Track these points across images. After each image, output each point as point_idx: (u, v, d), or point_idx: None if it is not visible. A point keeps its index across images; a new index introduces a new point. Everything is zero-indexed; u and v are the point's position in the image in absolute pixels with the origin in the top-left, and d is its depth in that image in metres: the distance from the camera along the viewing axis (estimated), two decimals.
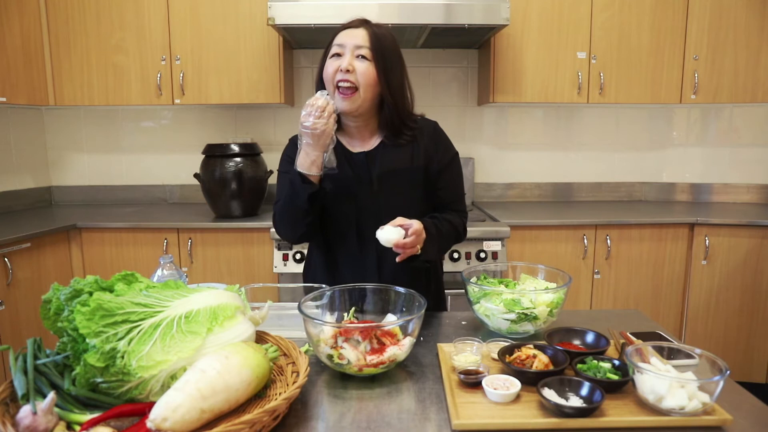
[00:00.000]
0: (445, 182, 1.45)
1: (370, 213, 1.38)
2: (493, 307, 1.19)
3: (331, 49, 1.36)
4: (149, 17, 2.70)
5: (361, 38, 1.33)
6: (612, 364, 0.97)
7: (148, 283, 0.97)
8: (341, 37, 1.35)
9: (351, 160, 1.42)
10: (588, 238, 2.60)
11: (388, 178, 1.40)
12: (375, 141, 1.44)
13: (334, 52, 1.35)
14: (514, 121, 3.19)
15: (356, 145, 1.44)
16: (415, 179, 1.41)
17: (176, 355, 0.85)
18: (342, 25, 1.39)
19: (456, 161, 1.48)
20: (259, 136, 3.12)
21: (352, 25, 1.37)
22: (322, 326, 1.03)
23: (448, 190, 1.46)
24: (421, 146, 1.42)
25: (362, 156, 1.41)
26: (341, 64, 1.32)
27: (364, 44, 1.32)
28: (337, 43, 1.35)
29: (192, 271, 2.55)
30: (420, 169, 1.41)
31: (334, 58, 1.34)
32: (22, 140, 3.00)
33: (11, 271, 2.19)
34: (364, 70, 1.31)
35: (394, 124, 1.39)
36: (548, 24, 2.74)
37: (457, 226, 1.43)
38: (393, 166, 1.40)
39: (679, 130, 3.22)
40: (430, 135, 1.44)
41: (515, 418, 0.86)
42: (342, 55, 1.33)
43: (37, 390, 0.83)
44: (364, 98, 1.33)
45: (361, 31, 1.34)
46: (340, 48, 1.34)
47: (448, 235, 1.40)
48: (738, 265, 2.59)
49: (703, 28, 2.75)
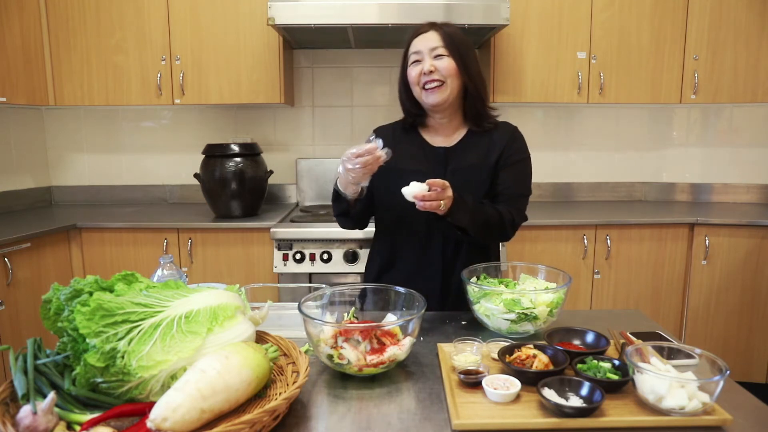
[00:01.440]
0: (507, 178, 1.47)
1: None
2: (493, 307, 1.19)
3: (409, 57, 1.45)
4: (149, 17, 2.70)
5: (434, 40, 1.41)
6: (612, 364, 0.97)
7: (148, 283, 0.97)
8: (415, 44, 1.43)
9: (429, 155, 1.48)
10: (588, 238, 2.60)
11: (461, 173, 1.44)
12: (458, 136, 1.51)
13: (413, 60, 1.43)
14: (514, 121, 3.14)
15: (438, 140, 1.51)
16: (486, 175, 1.46)
17: (176, 355, 0.85)
18: (413, 33, 1.46)
19: (525, 163, 1.52)
20: (259, 136, 3.12)
21: (422, 31, 1.44)
22: (322, 326, 1.03)
23: (507, 184, 1.47)
24: (497, 145, 1.48)
25: (442, 151, 1.48)
26: (423, 68, 1.40)
27: (438, 44, 1.40)
28: (413, 51, 1.43)
29: (192, 271, 2.55)
30: (491, 166, 1.46)
31: (414, 64, 1.43)
32: (22, 140, 3.00)
33: (11, 271, 2.19)
34: (445, 65, 1.39)
35: (478, 110, 1.47)
36: (548, 24, 2.74)
37: (504, 214, 1.41)
38: (469, 161, 1.46)
39: (679, 130, 3.22)
40: (507, 135, 1.51)
41: (515, 418, 0.86)
42: (421, 60, 1.41)
43: (37, 390, 0.83)
44: (451, 89, 1.41)
45: (432, 34, 1.42)
46: (417, 55, 1.42)
47: (489, 215, 1.38)
48: (738, 265, 2.59)
49: (703, 28, 2.75)
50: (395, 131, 1.55)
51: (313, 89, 3.13)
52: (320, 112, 3.15)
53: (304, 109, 3.15)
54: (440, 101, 1.41)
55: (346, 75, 3.12)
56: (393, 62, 3.10)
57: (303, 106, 3.14)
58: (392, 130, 1.56)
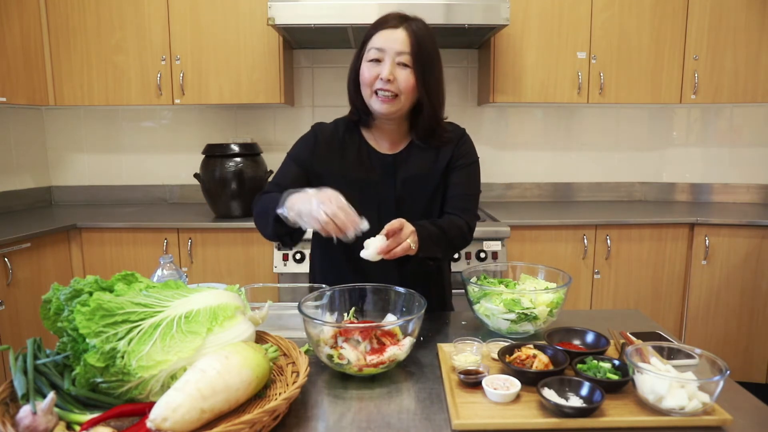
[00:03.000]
0: (456, 182, 1.39)
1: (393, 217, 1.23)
2: (493, 307, 1.19)
3: (367, 50, 1.29)
4: (149, 17, 2.70)
5: (402, 43, 1.26)
6: (612, 364, 0.97)
7: (148, 283, 0.97)
8: (380, 39, 1.27)
9: (376, 162, 1.38)
10: (588, 238, 2.60)
11: (412, 182, 1.37)
12: (403, 143, 1.41)
13: (373, 57, 1.27)
14: (514, 121, 3.19)
15: (384, 146, 1.41)
16: (436, 183, 1.39)
17: (176, 355, 0.85)
18: (378, 22, 1.30)
19: (473, 168, 1.43)
20: (259, 136, 3.12)
21: (390, 25, 1.28)
22: (322, 326, 1.03)
23: (457, 188, 1.39)
24: (446, 150, 1.39)
25: (390, 158, 1.39)
26: (381, 73, 1.26)
27: (404, 50, 1.26)
28: (376, 47, 1.27)
29: (192, 271, 2.55)
30: (441, 172, 1.39)
31: (372, 63, 1.28)
32: (22, 140, 3.00)
33: (11, 271, 2.19)
34: (405, 78, 1.26)
35: (429, 128, 1.36)
36: (548, 24, 2.74)
37: (461, 225, 1.34)
38: (418, 169, 1.38)
39: (679, 130, 3.22)
40: (455, 141, 1.41)
41: (515, 418, 0.86)
42: (381, 60, 1.27)
43: (37, 390, 0.83)
44: (404, 104, 1.30)
45: (401, 34, 1.26)
46: (379, 53, 1.26)
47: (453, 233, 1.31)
48: (738, 265, 2.59)
49: (703, 28, 2.75)
50: (337, 131, 1.41)
51: (313, 89, 3.13)
52: (320, 112, 3.14)
53: (304, 109, 3.15)
54: (389, 113, 1.30)
55: (346, 75, 3.11)
56: None
57: (303, 106, 3.14)
58: (334, 128, 1.42)
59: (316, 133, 1.42)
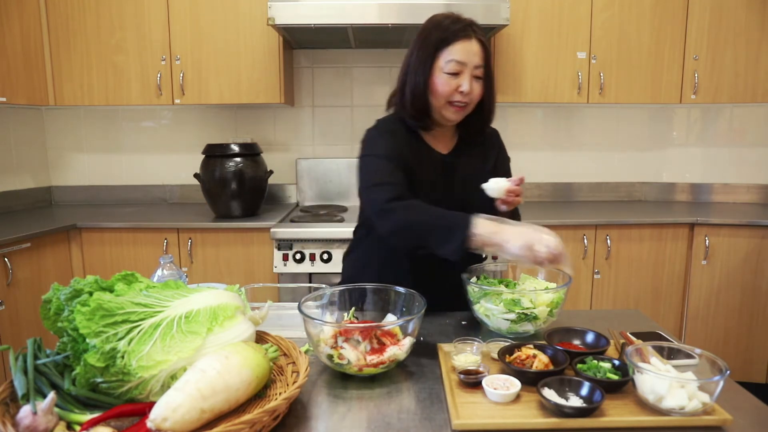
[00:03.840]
0: None
1: None
2: (493, 307, 1.19)
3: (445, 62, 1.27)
4: (149, 17, 2.70)
5: (479, 56, 1.28)
6: (612, 364, 0.97)
7: (148, 283, 0.97)
8: (460, 52, 1.27)
9: (435, 162, 1.39)
10: (588, 238, 2.60)
11: (469, 180, 1.38)
12: (452, 143, 1.44)
13: (453, 70, 1.27)
14: (514, 121, 3.19)
15: (439, 146, 1.42)
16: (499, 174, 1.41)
17: (176, 355, 0.85)
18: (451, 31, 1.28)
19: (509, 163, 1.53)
20: (259, 136, 3.12)
21: (466, 36, 1.28)
22: (322, 326, 1.03)
23: None
24: (491, 149, 1.47)
25: (448, 158, 1.41)
26: (462, 87, 1.27)
27: (480, 63, 1.29)
28: (456, 59, 1.26)
29: (192, 271, 2.55)
30: (490, 171, 1.43)
31: (451, 76, 1.27)
32: (22, 140, 3.00)
33: (11, 271, 2.19)
34: (478, 90, 1.31)
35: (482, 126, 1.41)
36: (548, 24, 2.74)
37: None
38: (473, 169, 1.42)
39: (679, 130, 3.22)
40: (495, 140, 1.50)
41: (515, 418, 0.86)
42: (460, 73, 1.27)
43: (37, 390, 0.83)
44: (470, 110, 1.34)
45: (477, 47, 1.28)
46: (460, 66, 1.27)
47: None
48: (738, 265, 2.59)
49: (703, 28, 2.75)
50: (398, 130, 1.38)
51: (313, 89, 3.13)
52: (320, 112, 3.15)
53: (304, 109, 3.15)
54: (458, 120, 1.34)
55: (346, 75, 3.12)
56: (393, 62, 3.10)
57: (303, 106, 3.14)
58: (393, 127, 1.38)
59: (393, 132, 1.36)
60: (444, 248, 1.14)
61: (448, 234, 1.14)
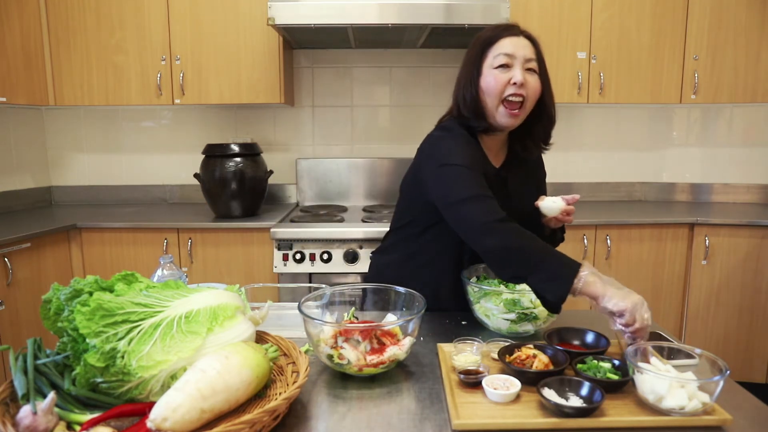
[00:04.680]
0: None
1: None
2: (493, 307, 1.19)
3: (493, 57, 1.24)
4: (149, 17, 2.70)
5: (529, 49, 1.25)
6: (612, 364, 0.97)
7: (148, 283, 0.97)
8: (508, 45, 1.24)
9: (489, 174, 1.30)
10: (588, 238, 2.60)
11: (520, 195, 1.36)
12: (503, 155, 1.40)
13: (501, 63, 1.23)
14: None
15: (491, 157, 1.37)
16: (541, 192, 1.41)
17: (176, 355, 0.85)
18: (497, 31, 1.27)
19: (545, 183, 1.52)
20: (259, 136, 3.12)
21: (513, 33, 1.26)
22: (322, 326, 1.03)
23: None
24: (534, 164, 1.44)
25: (501, 171, 1.37)
26: (514, 77, 1.22)
27: (532, 56, 1.25)
28: (504, 53, 1.23)
29: (192, 271, 2.55)
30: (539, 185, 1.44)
31: (500, 69, 1.23)
32: (22, 140, 3.00)
33: (11, 271, 2.19)
34: (535, 84, 1.25)
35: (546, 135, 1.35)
36: (548, 24, 2.74)
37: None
38: (524, 183, 1.40)
39: (679, 130, 3.22)
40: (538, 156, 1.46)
41: (515, 418, 0.86)
42: (511, 66, 1.23)
43: (37, 390, 0.83)
44: (526, 112, 1.27)
45: (525, 41, 1.26)
46: (509, 58, 1.23)
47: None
48: (738, 265, 2.59)
49: (703, 28, 2.75)
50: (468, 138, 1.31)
51: (313, 89, 3.13)
52: (320, 112, 3.15)
53: (304, 109, 3.15)
54: (514, 125, 1.28)
55: (346, 75, 3.12)
56: (393, 62, 3.10)
57: (303, 106, 3.14)
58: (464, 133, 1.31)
59: (468, 139, 1.30)
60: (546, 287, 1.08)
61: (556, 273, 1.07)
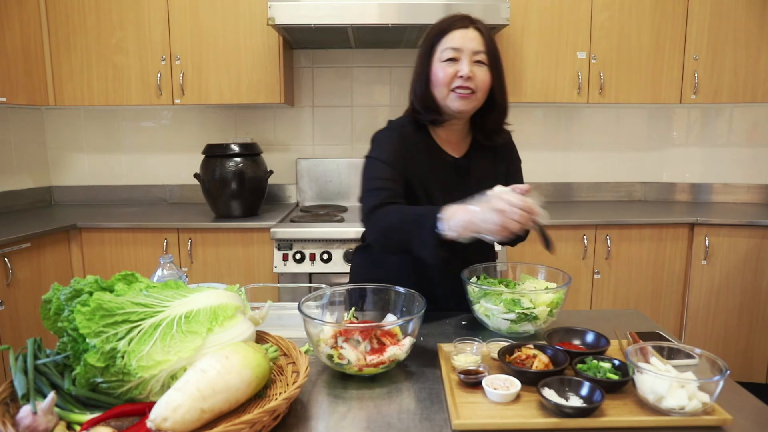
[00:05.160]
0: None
1: None
2: (493, 307, 1.19)
3: (440, 51, 1.29)
4: (149, 17, 2.70)
5: (477, 42, 1.28)
6: (612, 364, 0.97)
7: (148, 283, 0.97)
8: (455, 39, 1.28)
9: (447, 165, 1.36)
10: (588, 238, 2.60)
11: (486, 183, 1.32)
12: (466, 145, 1.42)
13: (449, 57, 1.28)
14: (514, 121, 3.16)
15: (451, 148, 1.39)
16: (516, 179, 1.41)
17: (176, 355, 0.85)
18: (445, 24, 1.30)
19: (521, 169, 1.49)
20: (259, 136, 3.12)
21: (461, 26, 1.29)
22: (322, 326, 1.03)
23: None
24: (501, 153, 1.43)
25: (460, 161, 1.39)
26: (461, 70, 1.26)
27: (480, 49, 1.28)
28: (451, 47, 1.27)
29: (192, 271, 2.55)
30: (503, 175, 1.42)
31: (449, 62, 1.28)
32: (22, 140, 3.00)
33: (11, 271, 2.19)
34: (483, 76, 1.29)
35: (498, 125, 1.38)
36: (548, 24, 2.74)
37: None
38: (486, 173, 1.40)
39: (679, 130, 3.22)
40: (509, 143, 1.47)
41: (515, 418, 0.86)
42: (458, 59, 1.27)
43: (37, 390, 0.83)
44: (479, 102, 1.31)
45: (474, 33, 1.29)
46: (456, 52, 1.27)
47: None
48: (738, 265, 2.59)
49: (703, 28, 2.75)
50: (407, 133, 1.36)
51: (313, 89, 3.13)
52: (320, 112, 3.15)
53: (304, 109, 3.15)
54: (467, 110, 1.31)
55: (346, 75, 3.12)
56: (393, 62, 3.10)
57: (303, 106, 3.14)
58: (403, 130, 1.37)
59: (401, 134, 1.35)
60: (422, 249, 1.11)
61: (420, 230, 1.10)
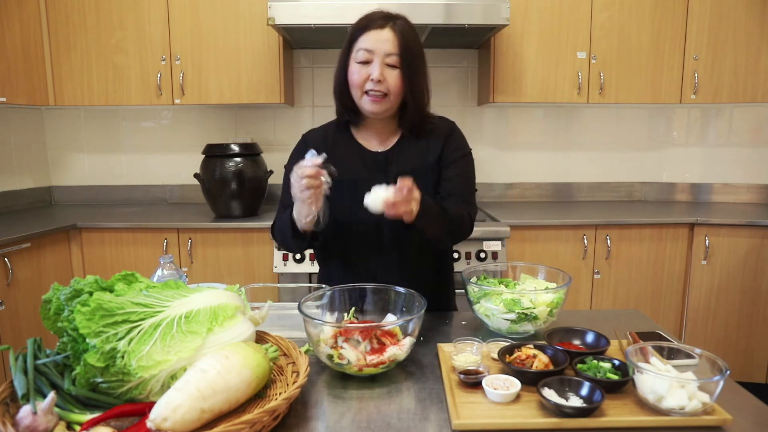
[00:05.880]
0: (452, 175, 1.39)
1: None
2: (493, 307, 1.19)
3: (355, 51, 1.30)
4: (149, 17, 2.70)
5: (390, 43, 1.27)
6: (612, 364, 0.97)
7: (148, 283, 0.97)
8: (369, 41, 1.28)
9: (367, 160, 1.40)
10: (588, 238, 2.60)
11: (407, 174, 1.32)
12: (394, 139, 1.42)
13: (362, 59, 1.29)
14: (514, 122, 3.19)
15: (374, 143, 1.42)
16: (430, 177, 1.39)
17: (176, 355, 0.85)
18: (363, 22, 1.31)
19: (468, 160, 1.44)
20: (259, 136, 3.12)
21: (376, 25, 1.29)
22: (322, 326, 1.03)
23: (454, 182, 1.39)
24: (436, 143, 1.41)
25: (381, 156, 1.40)
26: (372, 74, 1.28)
27: (393, 51, 1.27)
28: (364, 48, 1.28)
29: (192, 271, 2.55)
30: (433, 166, 1.39)
31: (361, 65, 1.29)
32: (22, 140, 3.00)
33: (11, 271, 2.19)
34: (394, 80, 1.29)
35: (415, 123, 1.38)
36: (548, 24, 2.74)
37: (463, 213, 1.34)
38: (410, 165, 1.38)
39: (679, 130, 3.22)
40: (445, 134, 1.42)
41: (515, 418, 0.86)
42: (370, 62, 1.28)
43: (37, 390, 0.83)
44: (393, 103, 1.32)
45: (389, 34, 1.28)
46: (368, 54, 1.28)
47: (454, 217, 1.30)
48: (738, 265, 2.59)
49: (703, 28, 2.75)
50: (327, 135, 1.44)
51: (313, 89, 3.13)
52: (320, 112, 3.14)
53: (304, 109, 3.15)
54: (380, 111, 1.33)
55: None
56: None
57: (303, 106, 3.14)
58: (324, 133, 1.45)
59: (306, 142, 1.44)
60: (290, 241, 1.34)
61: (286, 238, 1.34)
